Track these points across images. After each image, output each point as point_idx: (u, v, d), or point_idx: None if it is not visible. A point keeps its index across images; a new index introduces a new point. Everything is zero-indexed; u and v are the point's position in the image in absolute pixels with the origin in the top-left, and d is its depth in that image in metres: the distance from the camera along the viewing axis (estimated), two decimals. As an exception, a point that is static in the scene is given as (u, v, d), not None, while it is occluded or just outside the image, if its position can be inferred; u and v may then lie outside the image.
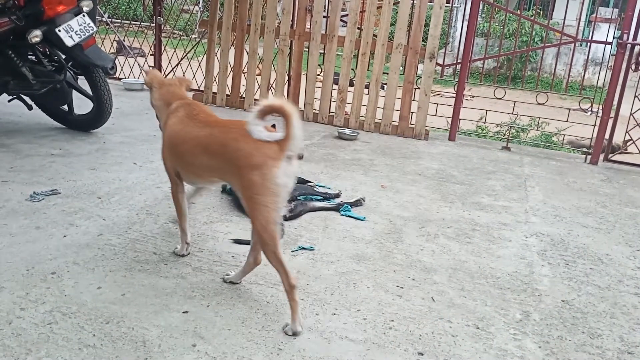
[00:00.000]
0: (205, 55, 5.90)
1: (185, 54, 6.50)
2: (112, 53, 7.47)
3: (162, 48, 6.61)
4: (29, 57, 3.95)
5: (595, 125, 4.84)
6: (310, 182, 3.53)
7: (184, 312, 2.05)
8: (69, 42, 3.71)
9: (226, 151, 2.03)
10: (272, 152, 1.93)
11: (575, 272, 2.68)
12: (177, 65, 6.51)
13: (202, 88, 6.02)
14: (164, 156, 2.38)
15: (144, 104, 5.56)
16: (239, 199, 2.31)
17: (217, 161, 2.08)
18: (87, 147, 4.01)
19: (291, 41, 5.52)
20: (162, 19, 6.51)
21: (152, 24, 6.81)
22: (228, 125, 2.13)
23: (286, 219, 2.92)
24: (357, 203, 3.25)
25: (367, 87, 5.30)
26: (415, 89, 5.17)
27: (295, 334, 1.98)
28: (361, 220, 3.08)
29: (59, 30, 3.66)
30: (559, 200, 3.72)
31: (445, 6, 5.09)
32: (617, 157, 4.97)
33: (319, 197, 3.23)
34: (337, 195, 3.35)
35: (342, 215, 3.11)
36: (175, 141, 2.27)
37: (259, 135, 1.94)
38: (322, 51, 5.43)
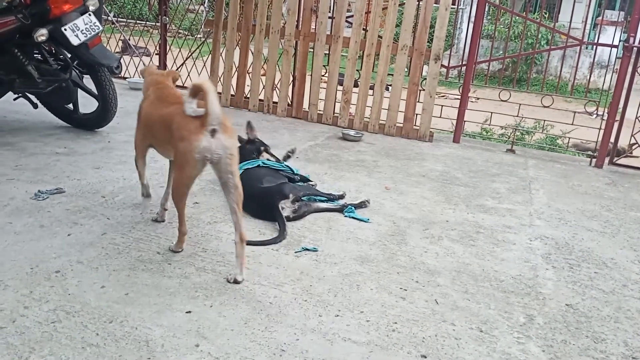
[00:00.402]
0: (210, 55, 5.91)
1: (190, 54, 6.51)
2: (117, 52, 7.50)
3: (168, 47, 6.62)
4: (35, 55, 3.96)
5: (600, 129, 4.82)
6: (312, 182, 3.53)
7: (187, 312, 2.05)
8: (74, 41, 3.72)
9: (170, 125, 2.30)
10: (193, 127, 2.19)
11: (579, 276, 2.66)
12: (182, 64, 6.52)
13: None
14: (136, 135, 2.71)
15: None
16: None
17: (170, 134, 2.32)
18: (92, 146, 4.02)
19: (296, 42, 5.52)
20: (167, 18, 6.52)
21: (157, 24, 6.81)
22: (180, 102, 2.33)
23: (290, 219, 2.92)
24: (362, 205, 3.25)
25: (371, 88, 5.29)
26: (420, 90, 5.17)
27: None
28: (365, 221, 3.07)
29: (65, 29, 3.67)
30: (564, 204, 3.71)
31: (451, 8, 5.08)
32: (622, 161, 4.96)
33: (323, 198, 3.23)
34: (342, 197, 3.35)
35: (345, 216, 3.11)
36: (148, 122, 2.56)
37: (188, 112, 2.20)
38: (327, 52, 5.42)
